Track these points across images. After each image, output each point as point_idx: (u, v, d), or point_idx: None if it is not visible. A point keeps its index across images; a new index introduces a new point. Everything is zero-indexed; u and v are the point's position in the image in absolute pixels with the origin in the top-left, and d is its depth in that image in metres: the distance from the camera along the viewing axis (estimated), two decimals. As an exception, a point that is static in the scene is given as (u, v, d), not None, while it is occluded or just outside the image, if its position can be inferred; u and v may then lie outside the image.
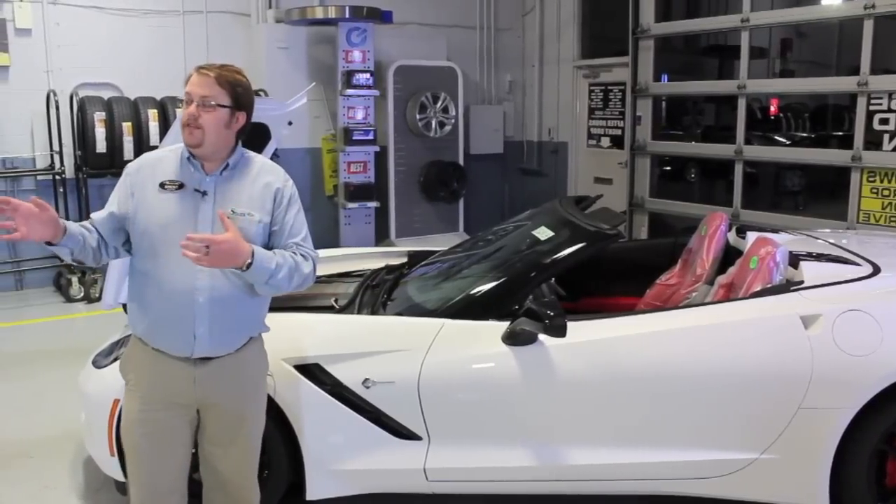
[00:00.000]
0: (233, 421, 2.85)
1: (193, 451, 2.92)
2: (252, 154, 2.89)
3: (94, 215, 2.78)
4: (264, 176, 2.83)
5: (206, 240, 2.50)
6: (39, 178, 8.11)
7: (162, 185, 2.73)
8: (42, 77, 8.04)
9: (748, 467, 3.43)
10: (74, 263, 2.81)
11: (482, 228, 5.56)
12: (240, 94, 2.76)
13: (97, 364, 3.87)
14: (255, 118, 4.46)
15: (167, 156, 2.82)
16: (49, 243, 2.58)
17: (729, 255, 4.38)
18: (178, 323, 2.70)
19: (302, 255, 2.79)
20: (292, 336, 3.65)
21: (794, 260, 3.89)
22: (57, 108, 7.82)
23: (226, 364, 2.78)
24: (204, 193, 2.73)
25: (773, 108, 10.48)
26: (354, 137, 8.82)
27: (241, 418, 2.87)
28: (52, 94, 7.83)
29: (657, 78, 8.88)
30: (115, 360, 3.74)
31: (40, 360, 6.01)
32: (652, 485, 3.57)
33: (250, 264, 2.59)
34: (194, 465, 2.97)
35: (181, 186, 2.73)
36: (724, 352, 3.45)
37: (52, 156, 8.01)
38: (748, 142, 8.00)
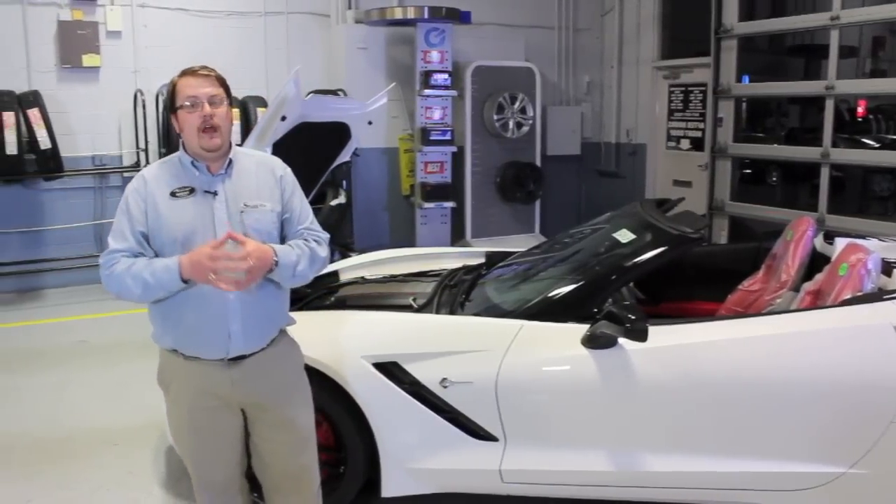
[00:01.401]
0: (277, 416, 2.87)
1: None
2: (240, 148, 2.91)
3: (123, 246, 2.69)
4: (264, 166, 2.87)
5: (242, 257, 2.54)
6: (126, 175, 8.36)
7: (173, 194, 2.71)
8: (130, 77, 8.30)
9: (834, 482, 3.31)
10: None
11: (558, 230, 5.52)
12: (229, 90, 2.80)
13: (180, 356, 3.95)
14: (337, 118, 4.53)
15: (164, 167, 2.80)
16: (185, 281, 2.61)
17: (816, 262, 4.24)
18: (213, 324, 2.71)
19: (315, 240, 2.85)
20: (371, 334, 3.68)
21: (888, 268, 3.75)
22: (143, 107, 8.07)
23: (259, 361, 2.80)
24: (215, 194, 2.73)
25: (860, 110, 10.11)
26: (432, 137, 8.87)
27: (286, 413, 2.89)
28: (138, 94, 8.08)
29: (739, 79, 8.68)
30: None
31: (125, 350, 6.20)
32: (730, 495, 3.47)
33: (276, 262, 2.66)
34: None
35: (192, 191, 2.72)
36: (811, 361, 3.34)
37: (137, 153, 8.27)
38: (835, 144, 7.75)
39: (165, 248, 2.68)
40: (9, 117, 7.27)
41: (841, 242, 4.12)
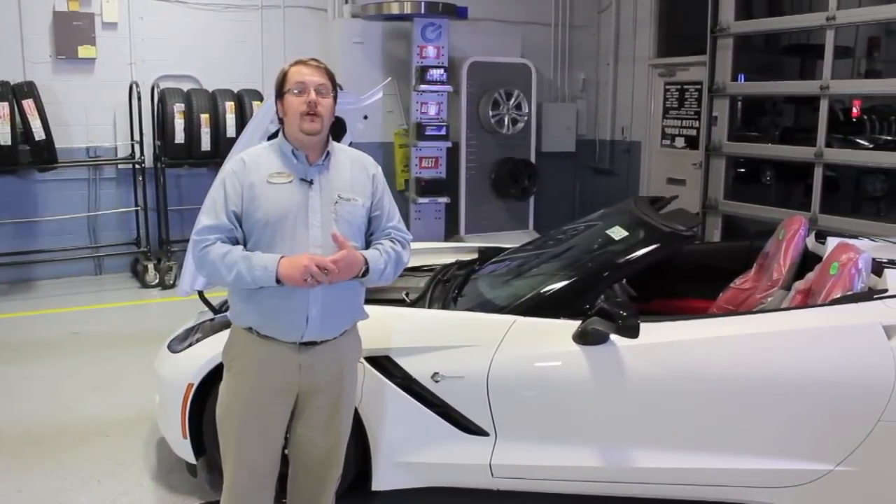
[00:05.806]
0: (331, 406, 2.97)
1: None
2: (336, 143, 3.00)
3: (214, 222, 2.76)
4: (358, 162, 2.98)
5: (326, 266, 2.65)
6: (120, 166, 8.36)
7: (270, 178, 2.81)
8: (125, 69, 8.28)
9: (821, 479, 3.34)
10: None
11: (552, 227, 5.53)
12: (336, 84, 2.91)
13: (172, 349, 3.97)
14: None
15: (263, 152, 2.90)
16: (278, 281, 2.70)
17: (807, 261, 4.27)
18: (293, 306, 2.79)
19: (399, 241, 2.97)
20: (363, 328, 3.67)
21: (878, 268, 3.76)
22: (139, 99, 8.05)
23: (329, 349, 2.89)
24: (311, 182, 2.82)
25: (855, 110, 10.12)
26: (427, 133, 8.87)
27: (339, 403, 2.99)
28: (134, 86, 8.06)
29: (734, 77, 8.69)
30: (190, 345, 3.84)
31: (117, 342, 6.20)
32: (718, 491, 3.50)
33: (366, 271, 2.78)
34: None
35: (289, 178, 2.82)
36: (800, 359, 3.36)
37: (132, 145, 8.24)
38: (829, 144, 7.77)
39: (256, 229, 2.79)
40: (3, 108, 7.23)
41: (832, 242, 4.14)
